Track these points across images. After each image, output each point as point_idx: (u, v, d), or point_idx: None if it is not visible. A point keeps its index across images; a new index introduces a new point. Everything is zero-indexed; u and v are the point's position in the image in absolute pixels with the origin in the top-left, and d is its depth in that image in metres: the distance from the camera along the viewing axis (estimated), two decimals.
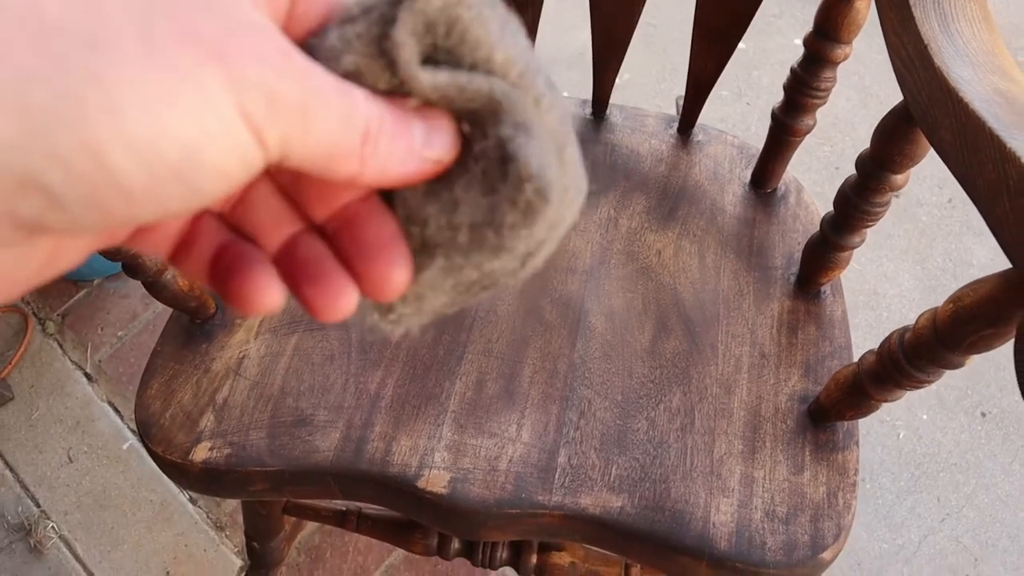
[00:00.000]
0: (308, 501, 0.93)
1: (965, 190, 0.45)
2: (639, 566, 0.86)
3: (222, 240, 0.25)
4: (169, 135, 0.17)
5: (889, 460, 1.22)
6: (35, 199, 0.17)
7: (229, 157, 0.19)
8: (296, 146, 0.20)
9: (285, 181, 0.25)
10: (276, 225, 0.25)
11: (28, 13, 0.16)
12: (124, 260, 0.61)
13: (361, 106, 0.21)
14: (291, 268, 0.24)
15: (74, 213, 0.18)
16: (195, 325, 0.71)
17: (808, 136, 1.53)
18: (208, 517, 1.19)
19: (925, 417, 1.26)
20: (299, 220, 0.25)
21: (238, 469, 0.64)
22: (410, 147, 0.22)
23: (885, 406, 1.26)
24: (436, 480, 0.62)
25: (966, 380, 1.29)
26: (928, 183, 1.49)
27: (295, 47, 0.20)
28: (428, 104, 0.23)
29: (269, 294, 0.23)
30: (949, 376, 1.29)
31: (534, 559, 0.83)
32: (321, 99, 0.20)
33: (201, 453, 0.65)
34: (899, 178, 0.62)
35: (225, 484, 0.66)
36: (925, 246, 1.41)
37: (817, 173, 1.49)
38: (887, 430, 1.24)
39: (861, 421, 1.27)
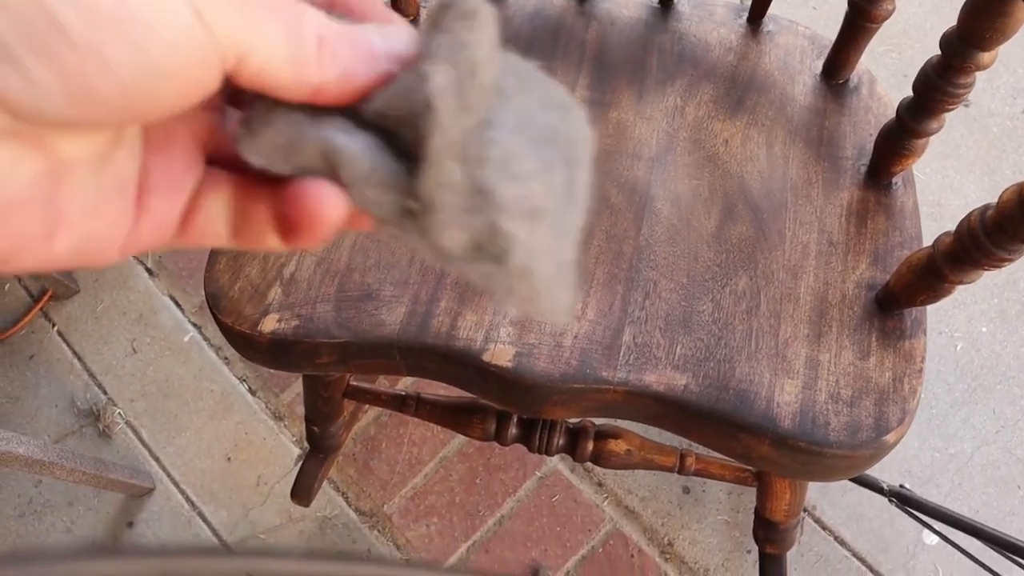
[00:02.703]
0: (368, 385, 0.95)
1: None
2: (694, 456, 0.87)
3: (234, 204, 0.25)
4: None
5: (945, 371, 1.21)
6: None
7: (168, 19, 0.19)
8: (245, 47, 0.20)
9: None
10: None
11: None
12: None
13: (309, 16, 0.22)
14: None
15: (36, 79, 0.18)
16: None
17: (876, 44, 1.48)
18: (267, 407, 1.23)
19: (985, 329, 1.24)
20: None
21: (306, 340, 0.65)
22: (370, 49, 0.22)
23: (944, 318, 1.24)
24: (501, 354, 0.63)
25: None
26: (1001, 93, 1.43)
27: None
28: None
29: (329, 205, 0.23)
30: (1012, 289, 1.26)
31: (590, 446, 0.84)
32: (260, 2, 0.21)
33: (269, 324, 0.66)
34: (986, 56, 0.59)
35: (292, 356, 0.67)
36: (995, 158, 1.37)
37: (885, 81, 1.44)
38: (945, 341, 1.23)
39: None
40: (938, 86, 0.62)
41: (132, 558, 0.15)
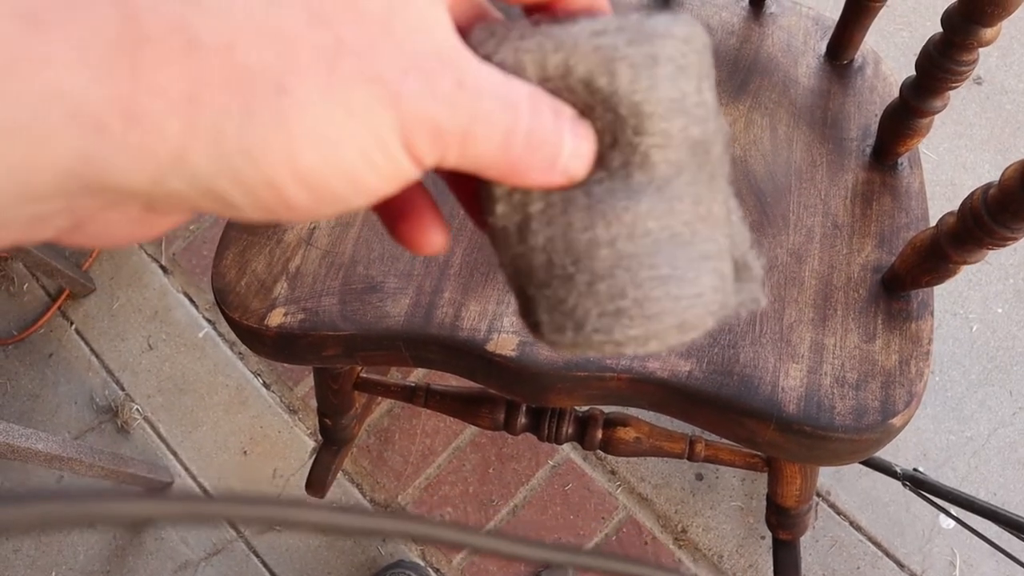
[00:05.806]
0: (378, 377, 0.95)
1: None
2: (703, 442, 0.87)
3: None
4: (338, 171, 0.20)
5: (960, 353, 1.20)
6: (215, 204, 0.20)
7: (387, 183, 0.21)
8: (451, 159, 0.21)
9: None
10: None
11: (224, 57, 0.18)
12: None
13: (524, 119, 0.22)
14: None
15: (245, 214, 0.20)
16: None
17: (887, 23, 1.46)
18: (281, 401, 1.23)
19: (1000, 310, 1.22)
20: None
21: (312, 333, 0.66)
22: (555, 158, 0.23)
23: (959, 299, 1.23)
24: (505, 343, 0.63)
25: None
26: (1015, 69, 1.41)
27: (471, 64, 0.21)
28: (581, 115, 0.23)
29: (434, 238, 0.25)
30: None
31: (599, 434, 0.84)
32: (486, 124, 0.21)
33: (276, 318, 0.67)
34: (989, 32, 0.59)
35: (299, 349, 0.68)
36: (1009, 136, 1.35)
37: (895, 60, 1.42)
38: (960, 323, 1.22)
39: None
40: (940, 64, 0.62)
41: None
